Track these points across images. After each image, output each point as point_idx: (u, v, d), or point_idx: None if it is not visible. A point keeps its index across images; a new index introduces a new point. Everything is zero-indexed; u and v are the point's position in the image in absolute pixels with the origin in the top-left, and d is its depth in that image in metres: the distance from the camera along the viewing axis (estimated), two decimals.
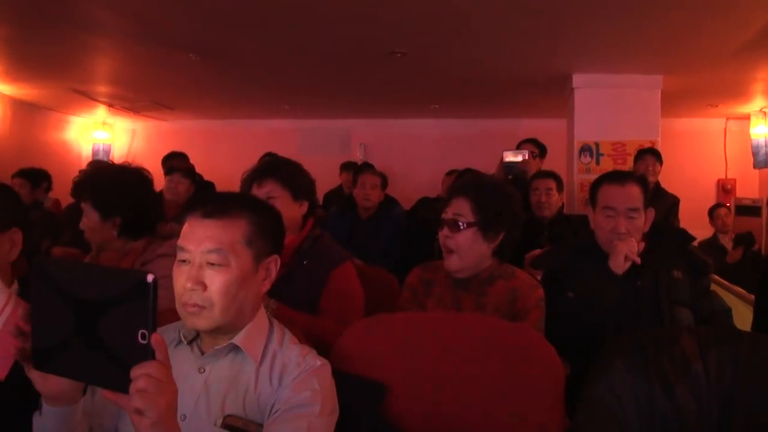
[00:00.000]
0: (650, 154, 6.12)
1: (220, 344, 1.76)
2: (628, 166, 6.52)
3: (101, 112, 10.76)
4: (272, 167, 3.06)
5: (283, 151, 4.53)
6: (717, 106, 8.93)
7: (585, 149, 7.21)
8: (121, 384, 1.23)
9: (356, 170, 7.00)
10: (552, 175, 4.98)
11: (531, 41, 5.93)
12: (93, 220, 2.96)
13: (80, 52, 7.07)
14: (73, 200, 6.07)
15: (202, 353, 1.79)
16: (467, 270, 2.71)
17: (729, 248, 7.40)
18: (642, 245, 2.91)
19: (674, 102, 7.86)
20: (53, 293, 1.28)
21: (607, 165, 6.92)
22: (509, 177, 5.04)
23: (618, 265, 2.81)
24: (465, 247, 2.67)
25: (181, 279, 1.70)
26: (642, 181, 2.98)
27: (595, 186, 3.03)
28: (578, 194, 7.06)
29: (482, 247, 2.70)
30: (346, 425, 1.81)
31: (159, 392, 1.23)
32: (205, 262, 1.70)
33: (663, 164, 6.13)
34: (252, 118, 10.84)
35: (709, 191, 9.73)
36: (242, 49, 6.59)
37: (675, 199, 6.18)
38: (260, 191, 2.92)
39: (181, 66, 7.24)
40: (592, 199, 3.03)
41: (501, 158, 5.30)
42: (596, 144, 7.19)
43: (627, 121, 7.13)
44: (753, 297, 3.38)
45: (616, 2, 4.78)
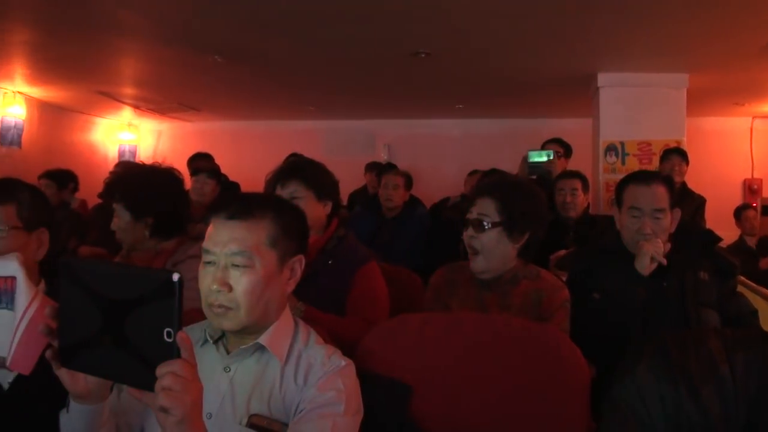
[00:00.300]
0: (676, 154, 6.07)
1: (246, 344, 1.77)
2: (654, 166, 6.46)
3: (127, 114, 10.83)
4: (296, 167, 3.07)
5: (308, 152, 4.54)
6: (743, 105, 8.85)
7: (610, 149, 7.16)
8: (147, 382, 1.24)
9: (379, 170, 7.01)
10: (577, 175, 4.94)
11: (556, 40, 5.90)
12: (125, 221, 2.99)
13: (106, 55, 7.12)
14: (100, 201, 6.17)
15: (228, 352, 1.80)
16: (492, 271, 2.69)
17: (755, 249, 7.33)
18: (668, 246, 2.89)
19: (700, 101, 7.79)
20: (80, 292, 1.29)
21: (633, 165, 6.87)
22: (533, 177, 5.01)
23: (644, 266, 2.80)
24: (490, 248, 2.66)
25: (207, 280, 1.72)
26: (668, 182, 2.95)
27: (621, 186, 3.01)
28: (604, 194, 7.01)
29: (507, 248, 2.68)
30: (371, 425, 1.81)
31: (184, 390, 1.24)
32: (230, 264, 1.71)
33: (689, 164, 6.07)
34: (277, 119, 10.87)
35: (735, 191, 9.63)
36: (267, 51, 6.60)
37: (701, 200, 6.13)
38: (284, 191, 2.93)
39: (207, 67, 7.27)
40: (618, 200, 3.01)
41: (524, 158, 5.27)
42: (621, 143, 7.14)
43: (652, 121, 7.08)
44: None
45: (641, 0, 4.75)
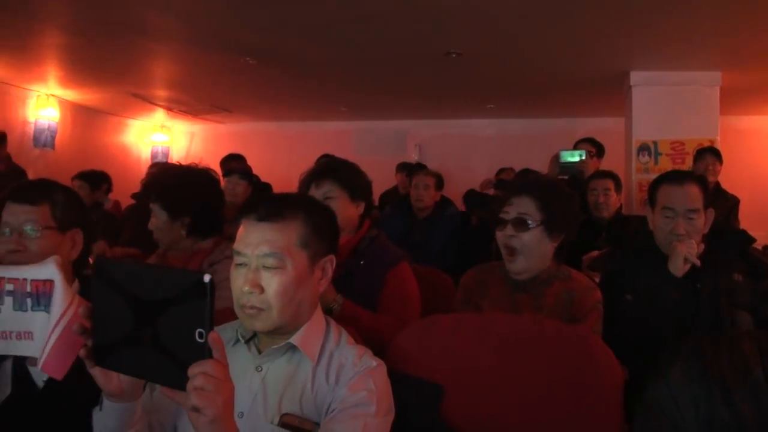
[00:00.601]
0: (710, 153, 6.01)
1: (278, 343, 1.78)
2: (687, 166, 6.42)
3: (160, 116, 10.93)
4: (330, 168, 3.07)
5: (340, 152, 4.55)
6: None
7: (643, 148, 7.12)
8: (179, 381, 1.25)
9: (410, 171, 7.01)
10: (610, 175, 4.90)
11: (588, 39, 5.88)
12: (162, 221, 3.02)
13: (138, 57, 7.20)
14: (134, 201, 6.23)
15: (260, 352, 1.81)
16: (531, 271, 2.65)
17: None
18: (702, 247, 2.85)
19: (733, 99, 7.71)
20: (114, 292, 1.31)
21: (666, 164, 6.83)
22: (565, 177, 4.98)
23: (677, 268, 2.77)
24: (531, 247, 2.61)
25: (239, 282, 1.73)
26: (701, 181, 2.92)
27: (654, 186, 2.98)
28: (636, 194, 6.97)
29: (547, 248, 2.64)
30: (403, 426, 1.81)
31: (216, 390, 1.25)
32: (261, 265, 1.72)
33: (722, 163, 6.00)
34: (308, 120, 10.91)
35: None
36: (299, 52, 6.63)
37: (735, 200, 6.07)
38: (318, 191, 2.93)
39: (239, 69, 7.32)
40: (651, 200, 2.98)
41: (554, 157, 5.24)
42: (654, 143, 7.10)
43: (686, 119, 7.03)
44: None
45: None
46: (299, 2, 5.12)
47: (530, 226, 2.59)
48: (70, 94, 9.33)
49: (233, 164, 6.57)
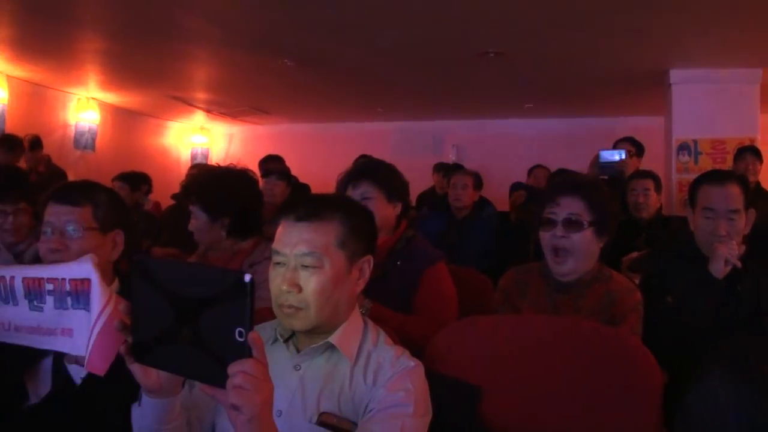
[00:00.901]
0: (750, 153, 5.92)
1: (316, 343, 1.78)
2: (728, 165, 6.32)
3: (199, 118, 11.03)
4: (367, 168, 3.08)
5: (377, 153, 4.56)
6: None
7: (683, 147, 7.04)
8: (219, 379, 1.26)
9: (446, 171, 7.00)
10: (650, 175, 4.84)
11: (626, 37, 5.84)
12: (202, 222, 3.05)
13: (177, 61, 7.26)
14: (173, 202, 6.29)
15: (298, 351, 1.81)
16: (578, 273, 2.61)
17: None
18: (743, 248, 2.81)
19: None
20: (154, 290, 1.32)
21: (706, 164, 6.75)
22: (605, 177, 4.94)
23: (718, 269, 2.73)
24: (581, 248, 2.56)
25: (277, 281, 1.74)
26: (742, 181, 2.88)
27: (695, 186, 2.94)
28: (676, 194, 6.89)
29: (594, 249, 2.60)
30: (440, 427, 1.81)
31: (255, 389, 1.25)
32: (300, 265, 1.72)
33: (762, 162, 5.91)
34: (346, 121, 10.94)
35: None
36: (336, 53, 6.66)
37: None
38: (355, 192, 2.94)
39: (277, 71, 7.36)
40: (692, 200, 2.94)
41: (594, 157, 5.20)
42: (695, 142, 7.02)
43: (726, 118, 6.94)
44: None
45: None
46: (337, 4, 5.14)
47: (584, 227, 2.55)
48: (110, 97, 9.45)
49: (272, 165, 6.62)
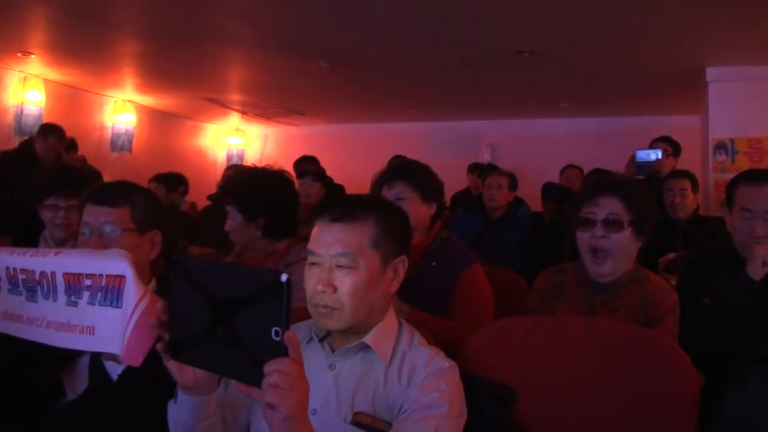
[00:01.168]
0: None
1: (351, 343, 1.79)
2: (765, 164, 6.25)
3: (234, 119, 11.11)
4: (402, 169, 3.08)
5: (411, 154, 4.56)
6: None
7: (720, 147, 6.95)
8: (254, 378, 1.26)
9: (481, 171, 6.98)
10: (687, 175, 4.79)
11: (663, 35, 5.79)
12: (238, 222, 3.08)
13: (213, 63, 7.33)
14: (210, 203, 6.34)
15: (333, 351, 1.82)
16: (616, 273, 2.58)
17: None
18: None
19: None
20: (190, 288, 1.32)
21: (743, 163, 6.66)
22: (641, 177, 4.90)
23: (756, 271, 2.69)
24: (621, 248, 2.53)
25: (312, 281, 1.74)
26: None
27: (732, 186, 2.90)
28: (713, 194, 6.80)
29: (633, 249, 2.58)
30: (475, 429, 1.80)
31: (291, 388, 1.25)
32: (335, 265, 1.73)
33: None
34: (380, 122, 10.94)
35: None
36: (370, 54, 6.67)
37: None
38: (390, 192, 2.94)
39: (311, 73, 7.39)
40: (729, 201, 2.90)
41: (631, 157, 5.16)
42: (732, 141, 6.93)
43: (764, 116, 6.86)
44: None
45: None
46: (370, 5, 5.14)
47: (624, 227, 2.52)
48: (147, 100, 9.56)
49: (306, 166, 6.65)
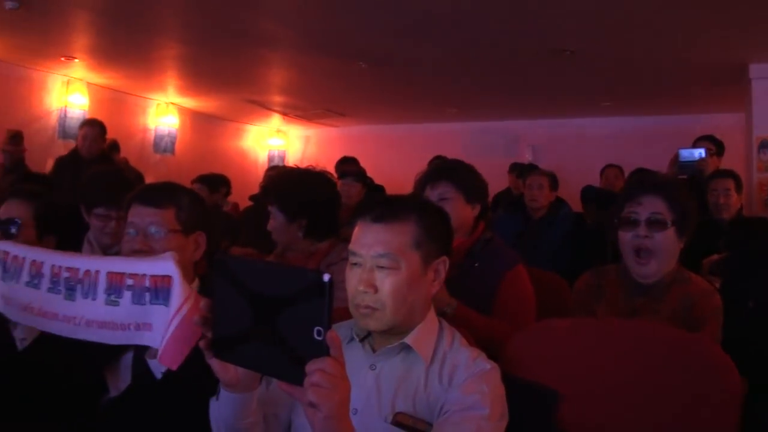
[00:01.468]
0: None
1: (392, 343, 1.80)
2: None
3: (276, 121, 11.18)
4: (446, 169, 3.07)
5: (451, 154, 4.55)
6: None
7: (764, 145, 6.85)
8: (296, 377, 1.27)
9: (520, 171, 6.95)
10: (731, 175, 4.72)
11: (704, 31, 5.73)
12: (280, 222, 3.10)
13: (255, 66, 7.39)
14: (251, 203, 6.39)
15: (374, 351, 1.83)
16: (660, 274, 2.55)
17: None
18: None
19: None
20: (233, 288, 1.33)
21: None
22: (684, 176, 4.84)
23: None
24: (665, 249, 2.51)
25: (353, 281, 1.76)
26: None
27: None
28: (757, 194, 6.69)
29: (676, 249, 2.55)
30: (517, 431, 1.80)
31: (333, 388, 1.26)
32: (376, 266, 1.74)
33: None
34: (419, 122, 10.93)
35: None
36: (410, 54, 6.68)
37: None
38: (433, 192, 2.93)
39: (351, 74, 7.42)
40: None
41: (674, 157, 5.10)
42: None
43: None
44: None
45: None
46: (410, 5, 5.15)
47: (668, 226, 2.50)
48: (189, 102, 9.66)
49: (347, 167, 6.67)
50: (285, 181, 3.23)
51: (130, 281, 1.72)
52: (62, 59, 7.62)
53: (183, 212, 2.27)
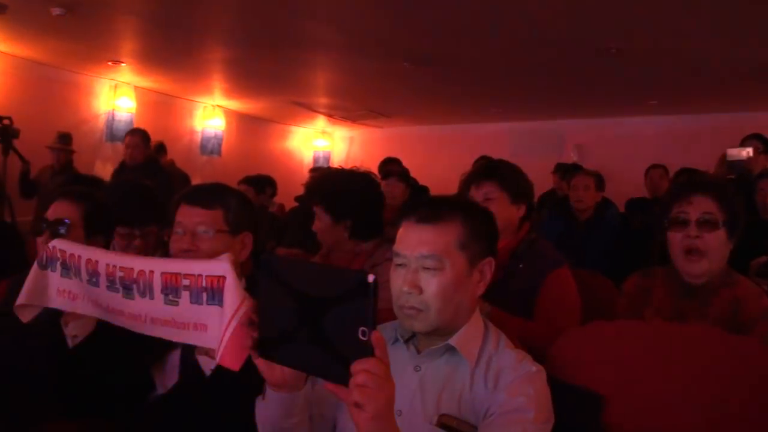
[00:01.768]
0: None
1: (436, 344, 1.79)
2: None
3: (321, 122, 11.25)
4: (491, 169, 3.06)
5: (495, 154, 4.55)
6: None
7: None
8: (341, 377, 1.28)
9: (564, 172, 6.90)
10: None
11: (752, 26, 5.63)
12: (325, 223, 3.12)
13: (300, 68, 7.44)
14: (297, 204, 6.44)
15: (419, 352, 1.83)
16: (710, 274, 2.51)
17: None
18: None
19: None
20: (279, 288, 1.35)
21: None
22: (732, 176, 4.76)
23: None
24: (715, 249, 2.47)
25: (398, 282, 1.76)
26: None
27: None
28: None
29: (726, 250, 2.51)
30: None
31: (378, 388, 1.26)
32: (421, 267, 1.74)
33: None
34: (463, 123, 10.92)
35: None
36: (453, 55, 6.67)
37: None
38: (478, 192, 2.92)
39: (395, 75, 7.43)
40: None
41: (722, 156, 5.02)
42: None
43: None
44: None
45: None
46: (454, 5, 5.14)
47: (719, 226, 2.46)
48: (235, 104, 9.76)
49: (391, 167, 6.69)
50: (331, 182, 3.25)
51: (186, 281, 1.74)
52: (109, 64, 7.75)
53: (231, 213, 2.31)
